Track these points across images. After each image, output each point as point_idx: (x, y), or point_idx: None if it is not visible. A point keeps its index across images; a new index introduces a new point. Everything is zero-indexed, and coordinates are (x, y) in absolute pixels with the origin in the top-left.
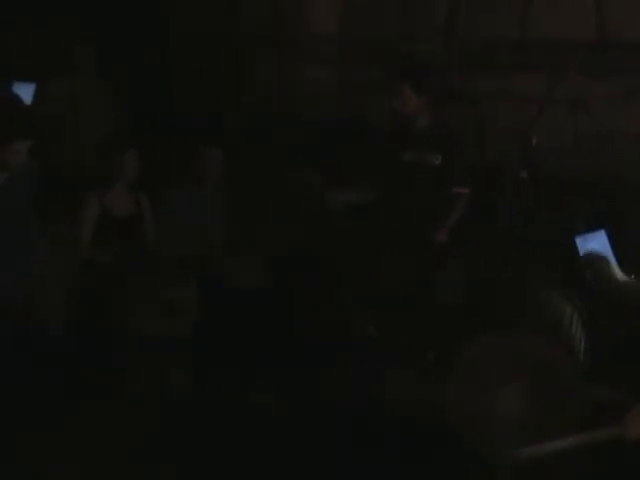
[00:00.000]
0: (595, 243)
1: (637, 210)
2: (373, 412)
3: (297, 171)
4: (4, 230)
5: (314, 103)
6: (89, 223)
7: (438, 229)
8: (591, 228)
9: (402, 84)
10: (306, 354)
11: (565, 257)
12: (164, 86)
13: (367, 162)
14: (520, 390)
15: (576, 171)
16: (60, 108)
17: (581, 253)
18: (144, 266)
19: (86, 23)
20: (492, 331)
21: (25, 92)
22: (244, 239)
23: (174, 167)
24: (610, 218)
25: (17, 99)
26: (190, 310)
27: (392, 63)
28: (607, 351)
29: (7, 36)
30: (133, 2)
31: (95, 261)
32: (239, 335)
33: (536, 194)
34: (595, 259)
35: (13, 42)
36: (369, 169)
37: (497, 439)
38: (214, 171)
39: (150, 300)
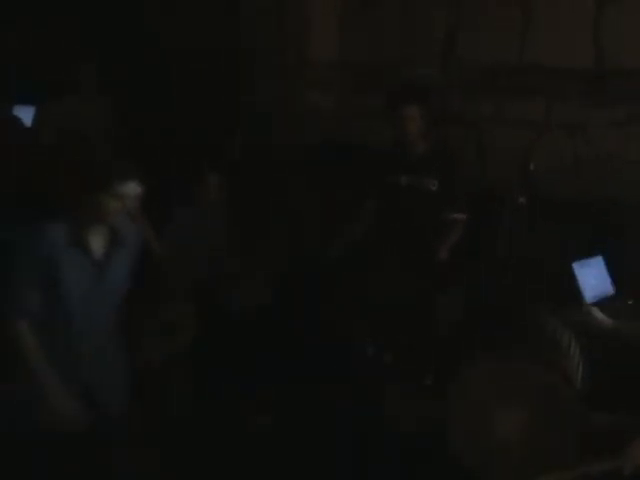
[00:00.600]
0: (592, 269)
1: (635, 236)
2: (374, 432)
3: (297, 190)
4: None
5: (314, 127)
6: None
7: (437, 252)
8: (589, 254)
9: (411, 109)
10: (307, 374)
11: (563, 282)
12: (164, 104)
13: (365, 185)
14: (518, 416)
15: (574, 196)
16: (62, 127)
17: (578, 279)
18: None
19: (87, 41)
20: (490, 355)
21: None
22: (245, 256)
23: (175, 186)
24: (608, 244)
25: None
26: (189, 327)
27: (397, 87)
28: (607, 376)
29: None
30: (134, 21)
31: None
32: (239, 353)
33: (534, 219)
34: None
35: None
36: (367, 192)
37: (495, 466)
38: (215, 191)
39: (150, 318)
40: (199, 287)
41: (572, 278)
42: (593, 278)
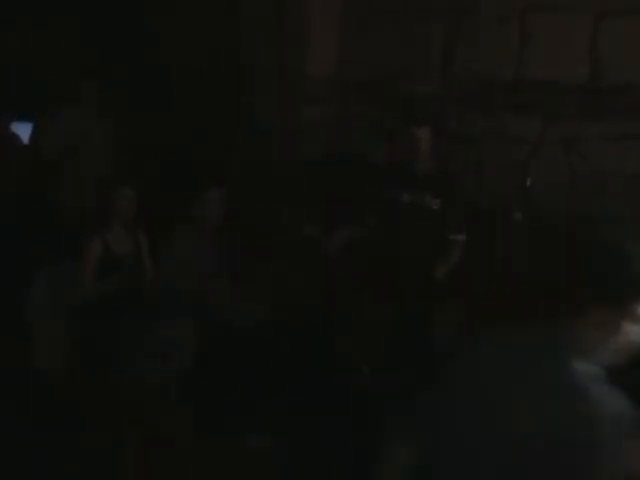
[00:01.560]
0: None
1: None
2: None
3: (296, 221)
4: None
5: (312, 143)
6: (93, 263)
7: (435, 272)
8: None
9: (424, 130)
10: (305, 395)
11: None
12: (165, 121)
13: (365, 202)
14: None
15: (571, 213)
16: (61, 142)
17: None
18: (142, 305)
19: (88, 55)
20: None
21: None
22: (244, 279)
23: (175, 206)
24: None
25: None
26: (188, 346)
27: (410, 106)
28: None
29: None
30: (133, 37)
31: (96, 300)
32: (237, 374)
33: (531, 236)
34: None
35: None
36: (367, 209)
37: None
38: (215, 210)
39: (147, 340)
40: (198, 305)
41: None
42: None
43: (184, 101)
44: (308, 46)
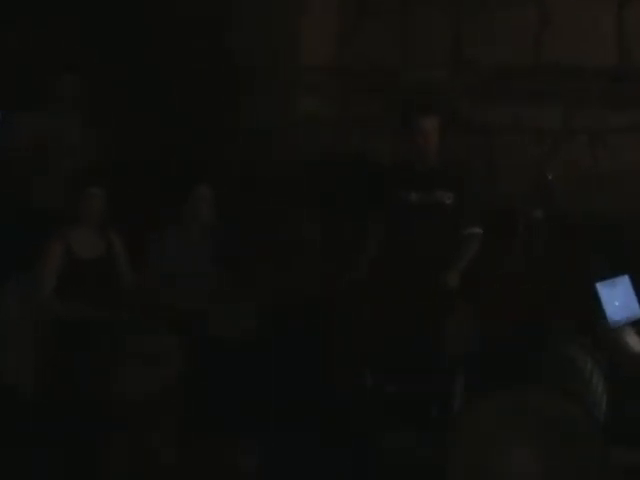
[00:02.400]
0: (618, 289)
1: None
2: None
3: (295, 223)
4: None
5: (311, 139)
6: (51, 268)
7: (449, 273)
8: (613, 273)
9: (430, 121)
10: (297, 413)
11: (584, 305)
12: (151, 119)
13: (371, 203)
14: (532, 452)
15: (596, 210)
16: (39, 139)
17: (602, 300)
18: (120, 315)
19: (71, 50)
20: (502, 384)
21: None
22: (234, 285)
23: (158, 205)
24: (634, 261)
25: None
26: (175, 360)
27: (412, 97)
28: (631, 409)
29: None
30: (120, 33)
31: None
32: (225, 391)
33: (552, 235)
34: (612, 332)
35: None
36: (373, 211)
37: None
38: (203, 211)
39: (128, 355)
40: (185, 315)
41: (595, 300)
42: (618, 299)
43: (171, 98)
44: (304, 31)
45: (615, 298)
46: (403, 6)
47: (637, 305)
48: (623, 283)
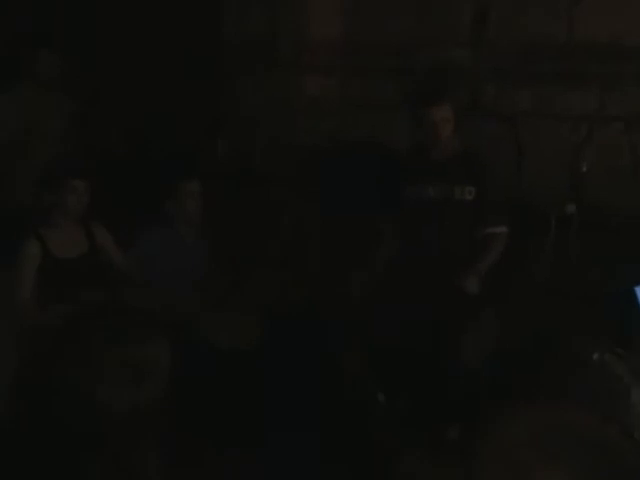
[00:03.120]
0: None
1: None
2: None
3: (295, 215)
4: None
5: (315, 124)
6: (29, 271)
7: (468, 277)
8: None
9: (444, 109)
10: (301, 429)
11: (622, 311)
12: (137, 103)
13: (381, 199)
14: (563, 476)
15: (635, 204)
16: (10, 122)
17: None
18: (106, 319)
19: (51, 26)
20: (530, 402)
21: None
22: (230, 288)
23: (144, 200)
24: None
25: None
26: (162, 372)
27: (423, 80)
28: None
29: None
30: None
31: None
32: (221, 404)
33: (586, 233)
34: None
35: None
36: (383, 208)
37: None
38: (191, 208)
39: (113, 363)
40: (172, 323)
41: (634, 305)
42: None
43: (160, 82)
44: (310, 6)
45: None
46: None
47: None
48: None
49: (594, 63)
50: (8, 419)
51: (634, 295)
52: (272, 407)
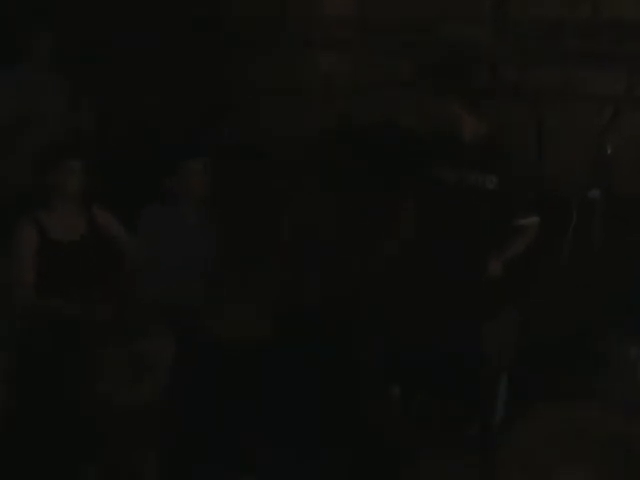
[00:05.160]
0: None
1: None
2: None
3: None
4: None
5: (328, 103)
6: (27, 255)
7: (491, 259)
8: None
9: (448, 102)
10: (308, 428)
11: None
12: (138, 79)
13: (399, 185)
14: (585, 476)
15: None
16: (7, 105)
17: None
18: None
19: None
20: (553, 398)
21: None
22: (236, 277)
23: (144, 182)
24: None
25: None
26: (164, 368)
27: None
28: None
29: None
30: None
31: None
32: (226, 401)
33: (611, 220)
34: None
35: None
36: (402, 194)
37: None
38: (195, 188)
39: (114, 357)
40: (173, 313)
41: None
42: None
43: (165, 59)
44: None
45: None
46: None
47: None
48: None
49: (621, 42)
50: (6, 408)
51: None
52: (278, 403)
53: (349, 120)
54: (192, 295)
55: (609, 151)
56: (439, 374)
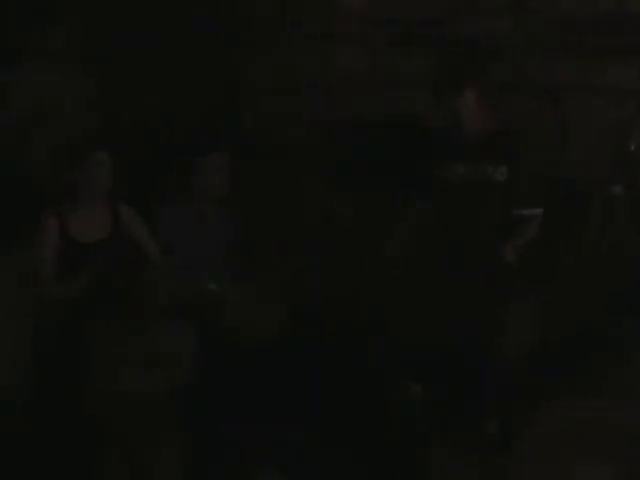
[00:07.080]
0: None
1: None
2: None
3: (322, 197)
4: None
5: (344, 97)
6: (49, 251)
7: (505, 245)
8: None
9: (463, 96)
10: (328, 427)
11: None
12: (155, 77)
13: (412, 177)
14: (610, 475)
15: None
16: (24, 101)
17: None
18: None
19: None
20: (573, 394)
21: None
22: (254, 275)
23: (162, 180)
24: None
25: None
26: (184, 359)
27: (443, 60)
28: None
29: None
30: None
31: (59, 301)
32: (244, 400)
33: (634, 215)
34: None
35: None
36: (414, 186)
37: None
38: (215, 186)
39: (131, 352)
40: (190, 309)
41: None
42: None
43: (181, 52)
44: None
45: None
46: None
47: None
48: None
49: None
50: (25, 390)
51: None
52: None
53: (364, 114)
54: (210, 289)
55: (632, 146)
56: (455, 373)
